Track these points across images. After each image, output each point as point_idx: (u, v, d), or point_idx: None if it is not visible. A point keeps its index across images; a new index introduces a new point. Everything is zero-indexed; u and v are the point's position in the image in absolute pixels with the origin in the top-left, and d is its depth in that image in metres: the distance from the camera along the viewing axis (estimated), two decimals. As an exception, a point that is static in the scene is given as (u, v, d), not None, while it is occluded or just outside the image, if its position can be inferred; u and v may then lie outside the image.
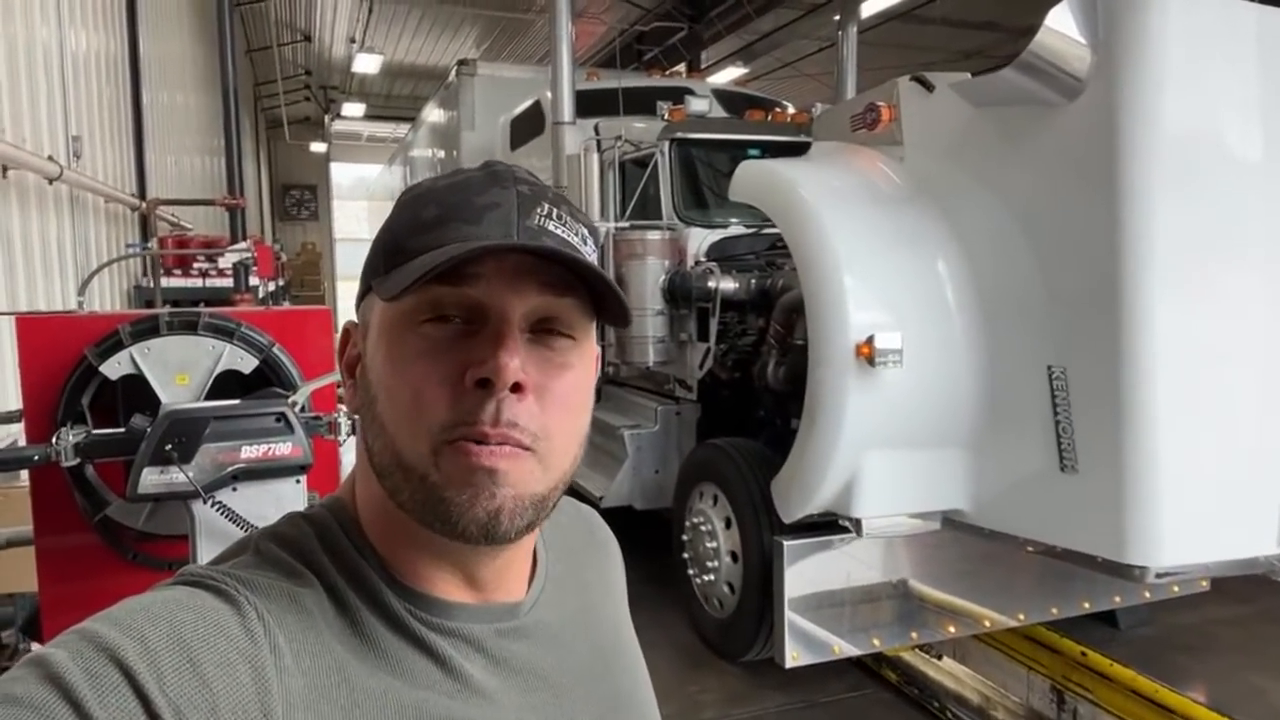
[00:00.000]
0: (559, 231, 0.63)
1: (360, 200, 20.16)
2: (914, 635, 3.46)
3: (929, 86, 3.21)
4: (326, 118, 18.82)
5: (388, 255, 0.63)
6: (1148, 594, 3.73)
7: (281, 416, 1.78)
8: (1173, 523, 2.55)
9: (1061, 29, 2.48)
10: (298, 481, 1.79)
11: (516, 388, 0.59)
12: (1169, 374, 2.50)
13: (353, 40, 14.54)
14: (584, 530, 0.86)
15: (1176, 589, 3.74)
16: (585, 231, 0.65)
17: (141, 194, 7.31)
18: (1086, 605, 3.62)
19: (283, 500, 1.74)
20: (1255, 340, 2.62)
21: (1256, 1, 2.55)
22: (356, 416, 0.68)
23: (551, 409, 0.62)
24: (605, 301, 0.65)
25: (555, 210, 0.63)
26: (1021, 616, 3.51)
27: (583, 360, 0.65)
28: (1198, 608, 3.99)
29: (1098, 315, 2.58)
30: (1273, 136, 2.58)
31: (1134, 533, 2.56)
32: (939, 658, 3.78)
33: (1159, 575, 2.57)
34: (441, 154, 9.00)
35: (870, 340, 2.91)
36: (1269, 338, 2.62)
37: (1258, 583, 2.79)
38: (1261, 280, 2.63)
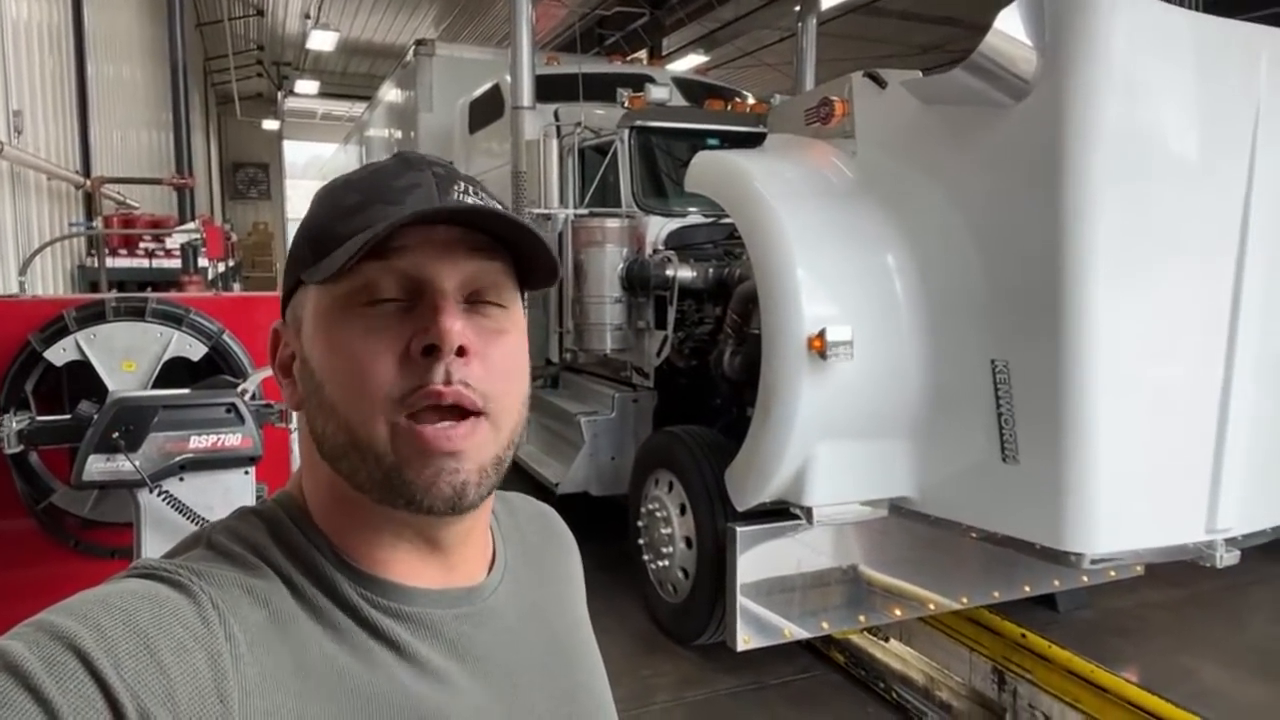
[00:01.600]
0: (479, 205, 0.65)
1: (314, 179, 19.76)
2: (862, 618, 3.54)
3: (881, 83, 3.25)
4: (279, 94, 18.33)
5: (315, 244, 0.65)
6: (1085, 578, 3.85)
7: (232, 407, 1.76)
8: (1108, 511, 2.65)
9: (1010, 32, 2.53)
10: (246, 473, 1.78)
11: (461, 352, 0.61)
12: (1106, 369, 2.59)
13: (307, 16, 14.19)
14: (542, 526, 0.88)
15: (1113, 574, 3.86)
16: (501, 209, 0.67)
17: (86, 171, 7.07)
18: (1027, 589, 3.73)
19: (231, 491, 1.73)
20: (1188, 337, 2.72)
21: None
22: (298, 412, 0.69)
23: (495, 373, 0.64)
24: (533, 261, 0.67)
25: (471, 188, 0.66)
26: (965, 600, 3.61)
27: (516, 326, 0.68)
28: (1133, 591, 4.12)
29: (1039, 311, 2.66)
30: (1209, 139, 2.67)
31: (1071, 521, 2.65)
32: (886, 640, 3.87)
33: (1094, 561, 2.67)
34: (399, 134, 8.85)
35: (822, 333, 2.96)
36: (1201, 335, 2.72)
37: (1189, 568, 2.88)
38: (1196, 278, 2.72)
